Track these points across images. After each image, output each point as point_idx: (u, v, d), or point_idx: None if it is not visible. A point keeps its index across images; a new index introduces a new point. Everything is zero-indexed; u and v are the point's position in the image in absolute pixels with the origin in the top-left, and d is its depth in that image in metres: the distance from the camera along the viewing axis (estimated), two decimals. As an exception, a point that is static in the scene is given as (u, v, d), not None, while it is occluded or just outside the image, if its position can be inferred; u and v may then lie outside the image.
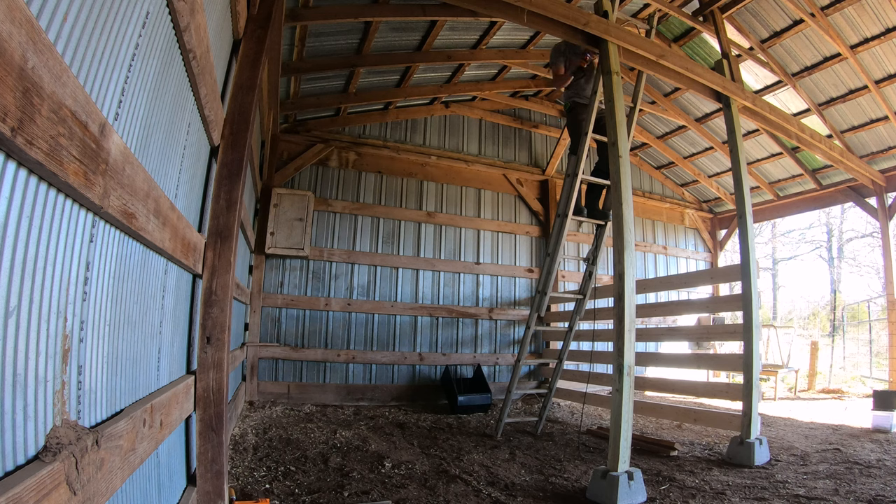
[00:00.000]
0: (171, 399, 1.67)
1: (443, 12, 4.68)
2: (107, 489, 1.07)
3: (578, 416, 5.45)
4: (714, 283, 7.11)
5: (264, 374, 5.77)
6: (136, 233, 1.26)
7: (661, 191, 8.92)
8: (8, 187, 0.74)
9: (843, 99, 6.11)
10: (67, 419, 0.96)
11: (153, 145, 1.47)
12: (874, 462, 3.51)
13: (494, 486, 3.08)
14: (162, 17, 1.39)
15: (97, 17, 0.98)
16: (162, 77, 1.46)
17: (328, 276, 6.20)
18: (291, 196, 5.87)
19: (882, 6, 4.95)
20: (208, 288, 2.14)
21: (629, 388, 2.98)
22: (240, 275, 4.32)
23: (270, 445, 3.74)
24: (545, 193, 7.62)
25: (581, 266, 7.64)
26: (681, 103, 7.34)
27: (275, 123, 5.76)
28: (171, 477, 1.86)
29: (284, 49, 4.75)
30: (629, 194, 3.29)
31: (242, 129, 2.37)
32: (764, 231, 21.25)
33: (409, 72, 6.01)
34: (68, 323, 0.97)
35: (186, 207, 1.95)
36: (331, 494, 2.80)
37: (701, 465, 3.54)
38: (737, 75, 4.74)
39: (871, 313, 11.91)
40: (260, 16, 2.67)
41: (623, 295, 3.08)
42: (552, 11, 3.39)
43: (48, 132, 0.77)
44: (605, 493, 2.79)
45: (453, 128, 7.33)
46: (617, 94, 3.38)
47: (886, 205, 6.77)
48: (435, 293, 6.70)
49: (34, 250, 0.83)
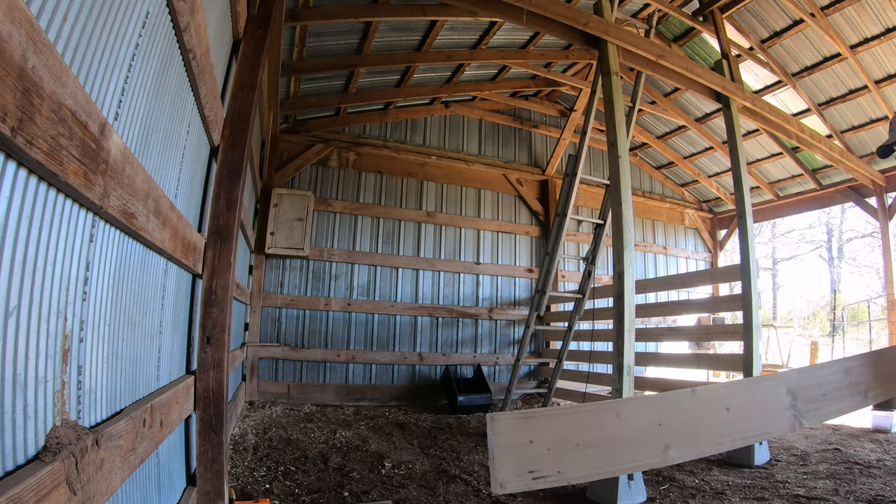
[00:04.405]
0: (171, 399, 1.67)
1: (443, 12, 4.69)
2: (107, 489, 1.07)
3: (578, 416, 5.44)
4: (714, 283, 7.11)
5: (264, 374, 5.77)
6: (136, 233, 1.26)
7: (661, 191, 8.92)
8: (8, 187, 0.74)
9: (843, 99, 6.11)
10: (67, 419, 0.96)
11: (153, 145, 1.47)
12: (874, 462, 3.51)
13: (494, 486, 3.08)
14: (162, 17, 1.39)
15: (97, 17, 0.98)
16: (162, 77, 1.46)
17: (328, 276, 6.20)
18: (291, 196, 5.86)
19: (882, 6, 4.95)
20: (208, 288, 2.14)
21: (629, 388, 2.98)
22: (240, 275, 4.32)
23: (270, 445, 3.74)
24: (545, 193, 7.62)
25: (580, 266, 7.63)
26: (681, 103, 7.34)
27: (275, 123, 5.76)
28: (171, 477, 1.87)
29: (284, 49, 4.75)
30: (628, 194, 3.29)
31: (242, 129, 2.37)
32: (764, 231, 21.26)
33: (409, 72, 6.01)
34: (68, 323, 0.97)
35: (186, 207, 1.95)
36: (331, 494, 2.80)
37: (701, 465, 3.53)
38: (736, 75, 4.74)
39: (871, 313, 11.91)
40: (260, 16, 2.67)
41: (623, 295, 3.08)
42: (552, 11, 3.40)
43: (48, 132, 0.77)
44: (605, 493, 2.78)
45: (453, 128, 7.33)
46: (616, 95, 3.38)
47: (886, 205, 6.77)
48: (435, 293, 6.70)
49: (34, 250, 0.83)
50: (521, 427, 1.07)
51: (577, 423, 1.17)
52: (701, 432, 1.26)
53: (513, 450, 1.06)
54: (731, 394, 1.43)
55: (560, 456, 1.09)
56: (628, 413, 1.22)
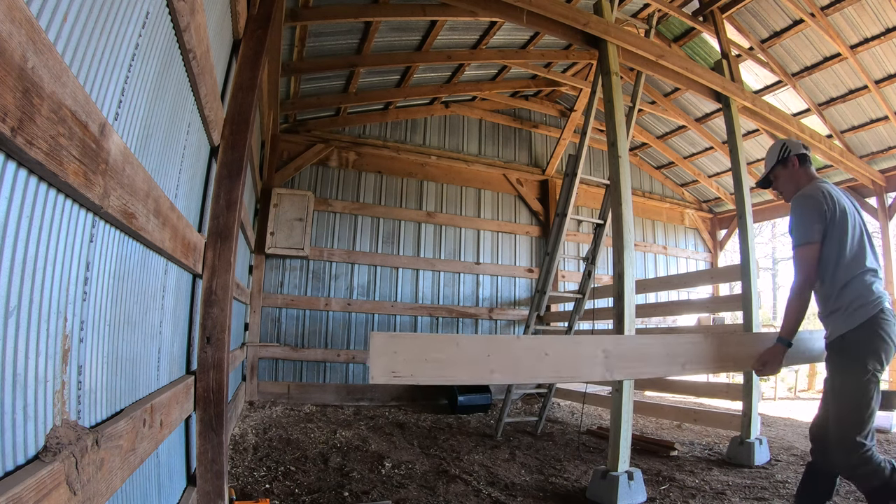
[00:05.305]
0: (171, 399, 1.67)
1: (443, 12, 4.69)
2: (107, 489, 1.07)
3: (578, 416, 5.45)
4: (714, 283, 7.11)
5: (264, 374, 5.77)
6: (136, 233, 1.26)
7: (661, 191, 8.92)
8: (8, 187, 0.74)
9: (843, 99, 6.11)
10: (67, 419, 0.96)
11: (153, 145, 1.47)
12: (874, 462, 3.51)
13: (494, 486, 3.08)
14: (162, 17, 1.39)
15: (97, 17, 0.98)
16: (162, 77, 1.46)
17: (328, 276, 6.20)
18: (291, 196, 5.87)
19: (882, 6, 4.95)
20: (208, 288, 2.13)
21: (629, 388, 2.98)
22: (240, 275, 4.32)
23: (270, 445, 3.74)
24: (545, 193, 7.62)
25: (580, 266, 7.63)
26: (681, 103, 7.34)
27: (275, 123, 5.76)
28: (171, 477, 1.87)
29: (284, 49, 4.75)
30: (628, 194, 3.29)
31: (242, 129, 2.37)
32: (764, 231, 21.24)
33: (409, 72, 6.01)
34: (68, 323, 0.97)
35: (186, 207, 1.95)
36: (331, 494, 2.80)
37: (701, 465, 3.53)
38: (736, 75, 4.74)
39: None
40: (260, 16, 2.67)
41: (623, 295, 3.08)
42: (552, 11, 3.39)
43: (48, 132, 0.77)
44: (605, 493, 2.79)
45: (453, 128, 7.33)
46: (616, 95, 3.38)
47: (886, 205, 6.77)
48: (435, 293, 6.70)
49: (34, 250, 0.83)
50: (390, 342, 1.56)
51: (429, 346, 1.65)
52: (521, 366, 1.71)
53: (384, 356, 1.52)
54: (552, 344, 1.84)
55: (413, 364, 1.56)
56: (466, 344, 1.67)
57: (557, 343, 1.95)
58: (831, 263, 2.00)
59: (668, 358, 2.01)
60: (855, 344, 1.92)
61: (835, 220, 2.00)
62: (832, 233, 2.00)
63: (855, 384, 1.90)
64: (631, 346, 2.03)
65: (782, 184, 2.26)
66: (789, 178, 2.23)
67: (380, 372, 1.52)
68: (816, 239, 2.00)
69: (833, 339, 2.01)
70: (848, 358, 1.95)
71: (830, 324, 2.02)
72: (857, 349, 1.91)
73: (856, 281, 1.96)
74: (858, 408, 1.88)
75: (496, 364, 1.63)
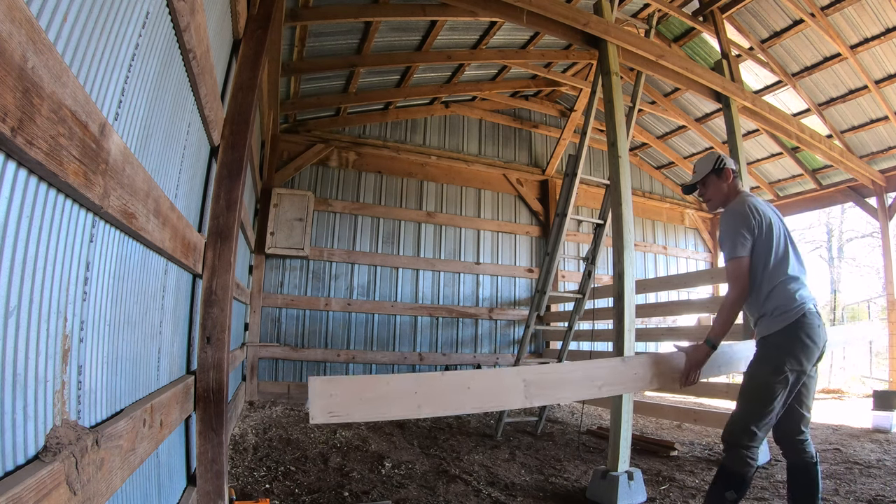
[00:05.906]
0: (171, 399, 1.67)
1: (443, 12, 4.69)
2: (107, 489, 1.07)
3: (578, 416, 5.45)
4: (714, 283, 7.10)
5: (264, 374, 5.77)
6: (136, 233, 1.26)
7: (660, 191, 8.92)
8: (8, 187, 0.74)
9: (843, 99, 6.11)
10: (67, 419, 0.96)
11: (153, 145, 1.47)
12: (874, 462, 3.51)
13: (494, 486, 3.08)
14: (162, 17, 1.39)
15: (97, 17, 0.98)
16: (162, 77, 1.46)
17: (328, 276, 6.20)
18: (291, 196, 5.86)
19: (882, 6, 4.95)
20: (208, 288, 2.14)
21: (629, 388, 2.98)
22: (240, 275, 4.32)
23: (270, 445, 3.74)
24: (545, 193, 7.62)
25: (580, 266, 7.63)
26: (681, 103, 7.34)
27: (275, 123, 5.76)
28: (171, 477, 1.87)
29: (284, 49, 4.75)
30: (628, 194, 3.29)
31: (242, 129, 2.37)
32: (764, 231, 21.20)
33: (409, 72, 6.01)
34: (68, 323, 0.97)
35: (186, 207, 1.95)
36: (331, 494, 2.80)
37: (701, 465, 3.54)
38: (736, 75, 4.74)
39: (870, 313, 11.90)
40: (260, 16, 2.67)
41: (623, 295, 3.08)
42: (552, 11, 3.39)
43: (48, 132, 0.77)
44: (605, 493, 2.79)
45: (453, 128, 7.33)
46: (616, 95, 3.38)
47: (886, 205, 6.77)
48: (435, 293, 6.70)
49: (34, 250, 0.83)
50: (328, 386, 1.65)
51: (363, 387, 1.72)
52: (447, 399, 1.79)
53: (322, 398, 1.61)
54: (474, 378, 1.94)
55: (349, 405, 1.64)
56: (395, 383, 1.74)
57: (480, 377, 2.08)
58: (758, 274, 2.12)
59: (587, 381, 2.11)
60: (774, 346, 2.04)
61: (762, 234, 2.11)
62: (759, 246, 2.11)
63: (764, 381, 2.02)
64: (550, 374, 2.14)
65: (711, 192, 2.37)
66: (719, 188, 2.34)
67: (318, 413, 1.60)
68: (746, 253, 2.11)
69: (758, 339, 2.16)
70: (765, 357, 2.07)
71: (758, 328, 2.16)
72: (777, 350, 2.03)
73: (778, 289, 2.07)
74: (762, 402, 2.00)
75: (423, 399, 1.72)
